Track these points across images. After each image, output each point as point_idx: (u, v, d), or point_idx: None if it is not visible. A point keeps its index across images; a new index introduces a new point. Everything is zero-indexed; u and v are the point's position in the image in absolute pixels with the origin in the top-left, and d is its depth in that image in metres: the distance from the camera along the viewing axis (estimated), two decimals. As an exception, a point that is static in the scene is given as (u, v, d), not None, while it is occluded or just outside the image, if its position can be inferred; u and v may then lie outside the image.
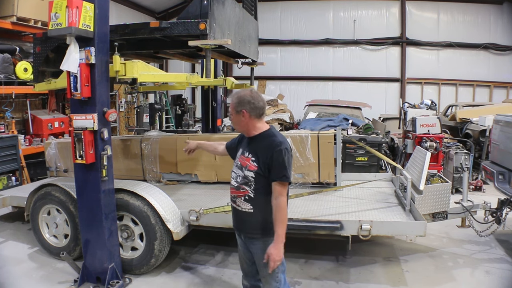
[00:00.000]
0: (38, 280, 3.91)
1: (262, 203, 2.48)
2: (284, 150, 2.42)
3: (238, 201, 2.56)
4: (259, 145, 2.50)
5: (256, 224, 2.51)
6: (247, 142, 2.60)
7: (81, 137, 3.31)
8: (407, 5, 14.47)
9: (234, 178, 2.59)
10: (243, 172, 2.50)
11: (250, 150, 2.52)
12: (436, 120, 7.25)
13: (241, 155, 2.58)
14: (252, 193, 2.48)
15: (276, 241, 2.40)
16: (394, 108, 13.84)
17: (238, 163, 2.59)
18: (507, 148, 4.78)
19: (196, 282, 3.87)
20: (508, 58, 14.01)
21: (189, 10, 3.73)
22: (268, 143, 2.46)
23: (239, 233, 2.69)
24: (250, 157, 2.49)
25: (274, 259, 2.38)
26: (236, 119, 2.54)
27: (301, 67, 15.57)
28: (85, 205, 3.57)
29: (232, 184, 2.61)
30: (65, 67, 3.24)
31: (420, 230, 3.56)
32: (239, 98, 2.53)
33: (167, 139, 5.55)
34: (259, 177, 2.44)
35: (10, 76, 7.11)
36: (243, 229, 2.62)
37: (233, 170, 2.62)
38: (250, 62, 5.67)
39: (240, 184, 2.52)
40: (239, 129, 2.62)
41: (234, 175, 2.59)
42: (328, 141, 4.94)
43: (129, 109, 12.25)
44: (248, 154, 2.51)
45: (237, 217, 2.64)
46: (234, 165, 2.64)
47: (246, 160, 2.51)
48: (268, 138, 2.50)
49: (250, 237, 2.58)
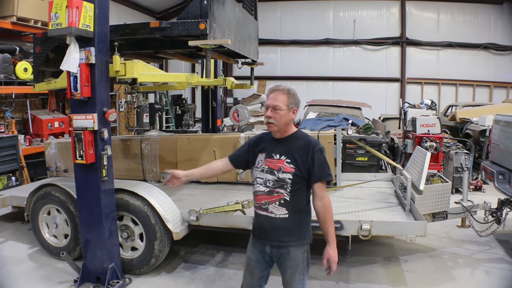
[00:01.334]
0: (38, 280, 3.91)
1: (297, 207, 2.38)
2: (322, 148, 2.38)
3: (271, 207, 2.37)
4: (293, 145, 2.38)
5: (291, 230, 2.38)
6: (274, 144, 2.43)
7: (81, 137, 3.30)
8: (407, 5, 14.48)
9: (262, 184, 2.40)
10: (276, 175, 2.35)
11: (282, 152, 2.38)
12: (436, 120, 7.24)
13: (267, 159, 2.41)
14: (288, 196, 2.34)
15: (333, 242, 2.35)
16: (394, 108, 13.85)
17: (265, 168, 2.40)
18: (507, 148, 4.78)
19: (196, 282, 3.86)
20: (508, 58, 14.02)
21: (189, 10, 3.73)
22: (304, 143, 2.38)
23: (264, 243, 2.44)
24: (284, 159, 2.36)
25: (335, 261, 2.33)
26: (285, 116, 2.35)
27: (301, 67, 15.58)
28: (85, 205, 3.57)
29: (260, 190, 2.41)
30: (65, 67, 3.24)
31: (420, 230, 3.56)
32: (294, 94, 2.39)
33: (167, 139, 5.55)
34: (297, 179, 2.34)
35: (10, 76, 7.11)
36: (275, 237, 2.39)
37: (258, 176, 2.43)
38: (250, 62, 5.66)
39: (274, 188, 2.35)
40: (279, 128, 2.38)
41: (261, 180, 2.40)
42: (328, 141, 4.93)
43: (129, 109, 12.25)
44: (280, 156, 2.37)
45: (268, 225, 2.40)
46: (257, 170, 2.45)
47: (278, 162, 2.36)
48: (303, 138, 2.42)
49: (284, 246, 2.39)
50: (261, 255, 2.48)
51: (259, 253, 2.48)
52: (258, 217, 2.47)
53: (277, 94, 2.36)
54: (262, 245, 2.46)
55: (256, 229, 2.51)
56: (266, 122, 2.39)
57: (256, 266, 2.51)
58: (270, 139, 2.48)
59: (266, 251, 2.45)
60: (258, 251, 2.49)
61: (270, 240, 2.42)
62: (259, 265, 2.50)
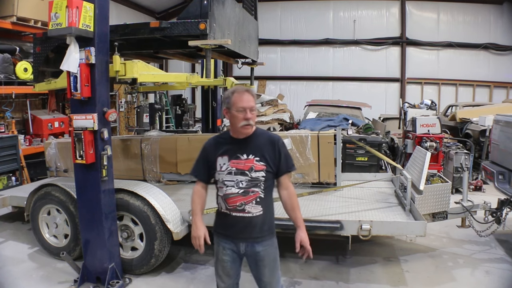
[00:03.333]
0: (38, 280, 3.91)
1: (269, 201, 2.47)
2: (283, 141, 2.51)
3: (248, 207, 2.39)
4: (258, 143, 2.42)
5: (265, 225, 2.45)
6: (237, 145, 2.42)
7: (81, 137, 3.30)
8: (407, 5, 14.47)
9: (234, 186, 2.38)
10: (248, 175, 2.37)
11: (249, 151, 2.39)
12: (436, 120, 7.25)
13: (232, 160, 2.39)
14: (262, 193, 2.40)
15: (302, 226, 2.44)
16: (394, 108, 13.85)
17: (232, 170, 2.38)
18: (507, 148, 4.78)
19: (196, 282, 3.87)
20: (508, 58, 14.01)
21: (189, 10, 3.73)
22: (268, 139, 2.46)
23: (238, 242, 2.45)
24: (253, 158, 2.38)
25: (307, 242, 2.40)
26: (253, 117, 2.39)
27: (301, 67, 15.57)
28: (85, 205, 3.57)
29: (232, 193, 2.39)
30: (65, 67, 3.24)
31: (420, 230, 3.56)
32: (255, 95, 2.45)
33: (167, 139, 5.55)
34: (269, 175, 2.41)
35: (10, 76, 7.11)
36: (250, 235, 2.42)
37: (226, 179, 2.39)
38: (250, 62, 5.66)
39: (248, 188, 2.37)
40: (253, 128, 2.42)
41: (232, 182, 2.38)
42: (328, 141, 4.94)
43: (129, 109, 12.26)
44: (248, 155, 2.38)
45: (243, 225, 2.42)
46: (222, 173, 2.40)
47: (247, 162, 2.37)
48: (265, 135, 2.50)
49: (258, 241, 2.43)
50: (236, 254, 2.49)
51: (232, 252, 2.49)
52: (230, 218, 2.44)
53: (248, 96, 2.37)
54: (235, 244, 2.47)
55: (227, 229, 2.48)
56: (245, 125, 2.35)
57: (232, 267, 2.52)
58: (229, 141, 2.46)
59: (240, 250, 2.46)
60: (230, 251, 2.49)
61: (245, 238, 2.44)
62: (234, 265, 2.52)
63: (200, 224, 2.48)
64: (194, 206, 2.55)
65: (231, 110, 2.37)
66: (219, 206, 2.51)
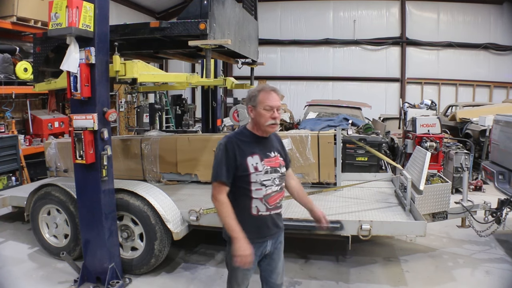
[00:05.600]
0: (38, 280, 3.91)
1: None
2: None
3: (281, 202, 2.49)
4: (274, 140, 2.54)
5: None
6: (262, 143, 2.42)
7: (81, 137, 3.30)
8: (407, 5, 14.48)
9: (273, 184, 2.37)
10: (279, 171, 2.43)
11: (272, 149, 2.45)
12: (436, 120, 7.25)
13: (265, 159, 2.36)
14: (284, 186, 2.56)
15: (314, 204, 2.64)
16: (394, 108, 13.85)
17: (268, 169, 2.36)
18: (507, 148, 4.78)
19: (196, 282, 3.86)
20: (508, 58, 14.02)
21: (189, 10, 3.73)
22: (275, 137, 2.58)
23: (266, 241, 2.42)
24: (277, 155, 2.47)
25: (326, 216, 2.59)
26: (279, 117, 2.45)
27: (301, 67, 15.58)
28: (85, 205, 3.57)
29: (274, 191, 2.38)
30: (65, 67, 3.24)
31: (420, 230, 3.56)
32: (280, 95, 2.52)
33: (167, 139, 5.55)
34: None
35: (10, 76, 7.11)
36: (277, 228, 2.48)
37: (264, 179, 2.34)
38: (250, 62, 5.66)
39: (281, 183, 2.47)
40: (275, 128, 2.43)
41: (269, 181, 2.35)
42: (328, 141, 4.94)
43: (129, 109, 12.26)
44: (273, 153, 2.44)
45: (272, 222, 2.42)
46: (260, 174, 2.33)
47: (275, 159, 2.43)
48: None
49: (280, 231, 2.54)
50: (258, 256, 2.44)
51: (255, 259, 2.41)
52: (268, 218, 2.39)
53: (275, 95, 2.37)
54: (263, 247, 2.43)
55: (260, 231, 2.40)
56: (272, 124, 2.34)
57: (253, 268, 2.48)
58: (253, 140, 2.40)
59: (265, 250, 2.45)
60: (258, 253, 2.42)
61: (273, 234, 2.47)
62: (254, 266, 2.48)
63: (246, 241, 2.24)
64: (231, 221, 2.26)
65: (256, 108, 2.34)
66: (251, 209, 2.36)
